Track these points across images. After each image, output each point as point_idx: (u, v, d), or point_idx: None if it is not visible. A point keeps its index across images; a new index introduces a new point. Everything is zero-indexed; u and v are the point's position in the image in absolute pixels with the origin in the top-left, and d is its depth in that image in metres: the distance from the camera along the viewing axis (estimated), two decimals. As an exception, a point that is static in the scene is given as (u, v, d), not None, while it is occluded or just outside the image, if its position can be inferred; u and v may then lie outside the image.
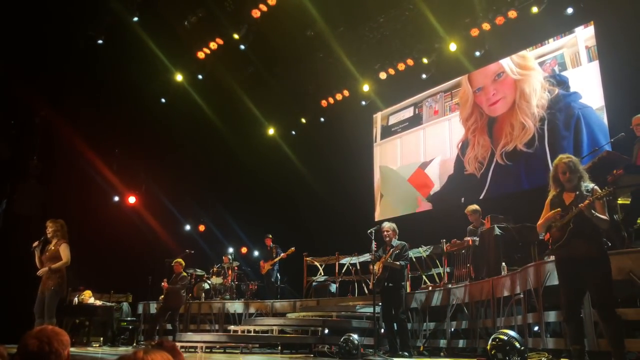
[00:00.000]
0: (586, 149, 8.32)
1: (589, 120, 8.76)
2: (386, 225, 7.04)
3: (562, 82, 9.31)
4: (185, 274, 9.23)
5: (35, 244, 6.25)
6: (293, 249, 10.97)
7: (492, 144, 10.23)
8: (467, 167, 10.57)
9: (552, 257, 5.09)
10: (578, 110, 8.93)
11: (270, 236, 11.50)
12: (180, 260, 9.27)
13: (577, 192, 3.93)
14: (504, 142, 10.02)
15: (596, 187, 3.90)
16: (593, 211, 3.75)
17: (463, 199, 10.15)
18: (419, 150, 11.78)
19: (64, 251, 6.15)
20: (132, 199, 13.01)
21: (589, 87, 8.86)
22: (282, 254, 11.09)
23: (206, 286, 11.28)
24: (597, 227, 3.80)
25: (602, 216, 3.78)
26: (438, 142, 11.38)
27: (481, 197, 9.96)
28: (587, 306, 4.37)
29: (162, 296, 9.51)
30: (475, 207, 8.01)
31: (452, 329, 7.33)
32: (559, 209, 3.95)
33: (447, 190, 10.89)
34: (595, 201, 3.77)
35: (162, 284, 9.07)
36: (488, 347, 4.51)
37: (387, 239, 6.96)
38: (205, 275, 11.49)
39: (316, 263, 11.10)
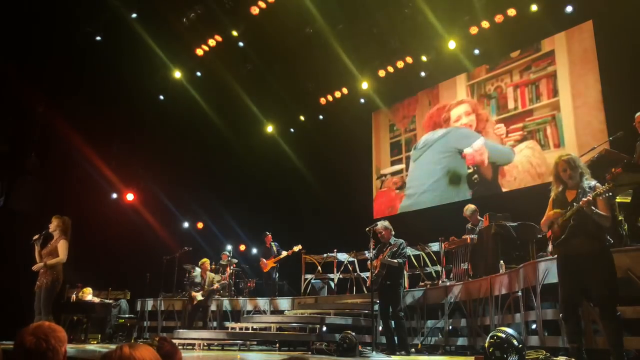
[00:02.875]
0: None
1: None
2: (378, 225, 7.00)
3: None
4: (211, 275, 9.81)
5: (36, 237, 6.21)
6: (300, 246, 10.88)
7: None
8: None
9: (549, 256, 5.11)
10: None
11: (269, 234, 11.46)
12: (205, 260, 9.92)
13: (579, 189, 3.93)
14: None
15: (598, 184, 3.88)
16: (594, 208, 3.74)
17: (461, 197, 10.16)
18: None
19: (61, 248, 6.12)
20: (130, 196, 12.95)
21: (587, 86, 8.86)
22: (284, 252, 10.97)
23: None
24: (598, 224, 3.79)
25: (603, 213, 3.77)
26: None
27: (478, 197, 9.97)
28: (585, 304, 4.37)
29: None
30: (472, 206, 8.02)
31: (450, 327, 7.34)
32: (558, 210, 3.95)
33: (446, 188, 10.89)
34: (596, 198, 3.76)
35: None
36: (486, 344, 4.49)
37: (382, 239, 6.96)
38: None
39: (314, 260, 11.08)
